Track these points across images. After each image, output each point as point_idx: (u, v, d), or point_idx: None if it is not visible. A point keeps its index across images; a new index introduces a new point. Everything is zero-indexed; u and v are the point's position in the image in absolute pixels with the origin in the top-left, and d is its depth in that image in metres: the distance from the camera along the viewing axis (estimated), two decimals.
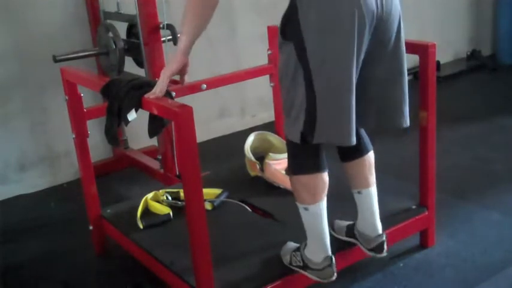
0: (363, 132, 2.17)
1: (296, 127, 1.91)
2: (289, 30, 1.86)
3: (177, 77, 2.16)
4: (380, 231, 2.22)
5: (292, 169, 2.07)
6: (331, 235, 2.20)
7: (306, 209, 2.06)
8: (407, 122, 2.05)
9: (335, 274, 2.10)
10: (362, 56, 1.86)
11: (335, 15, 1.78)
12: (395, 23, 1.93)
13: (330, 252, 2.10)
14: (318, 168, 2.02)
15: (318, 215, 2.06)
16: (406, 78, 2.02)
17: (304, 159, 2.02)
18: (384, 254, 2.22)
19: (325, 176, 2.04)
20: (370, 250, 2.22)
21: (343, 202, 2.28)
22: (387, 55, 1.96)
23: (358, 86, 1.88)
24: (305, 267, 2.12)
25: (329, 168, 2.06)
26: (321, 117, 1.87)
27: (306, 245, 2.13)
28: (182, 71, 2.11)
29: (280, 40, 1.91)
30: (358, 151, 2.14)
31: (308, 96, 1.86)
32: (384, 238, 2.21)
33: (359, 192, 2.20)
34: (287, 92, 1.94)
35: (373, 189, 2.21)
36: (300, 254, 2.13)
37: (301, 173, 2.03)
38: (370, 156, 2.19)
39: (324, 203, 2.06)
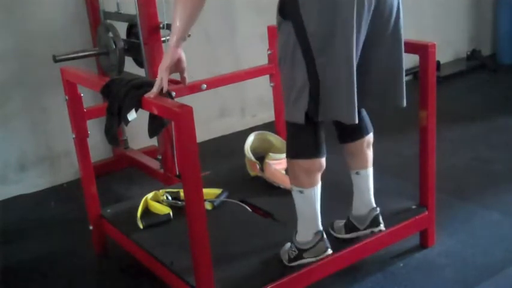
0: (364, 113, 2.18)
1: (300, 107, 1.91)
2: (287, 9, 1.86)
3: (176, 76, 2.16)
4: (373, 205, 2.24)
5: (292, 152, 2.07)
6: (331, 236, 2.21)
7: (301, 192, 2.07)
8: (404, 102, 2.07)
9: (329, 248, 2.11)
10: (362, 37, 1.88)
11: None
12: (395, 6, 1.94)
13: (320, 227, 2.11)
14: (317, 153, 2.03)
15: (312, 199, 2.07)
16: (403, 59, 2.03)
17: (304, 143, 2.02)
18: (382, 227, 2.23)
19: (323, 161, 2.05)
20: (368, 227, 2.23)
21: (342, 202, 2.28)
22: (388, 36, 1.97)
23: (360, 67, 1.90)
24: (300, 253, 2.12)
25: (326, 167, 2.06)
26: (324, 96, 1.89)
27: (296, 232, 2.14)
28: (179, 67, 2.09)
29: (279, 19, 1.91)
30: (359, 132, 2.16)
31: (310, 76, 1.87)
32: (378, 211, 2.23)
33: (357, 173, 2.22)
34: (287, 72, 1.94)
35: (371, 170, 2.23)
36: (293, 245, 2.14)
37: (300, 157, 2.03)
38: (370, 137, 2.21)
39: (318, 187, 2.07)
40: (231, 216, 2.55)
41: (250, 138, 2.90)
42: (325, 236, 2.12)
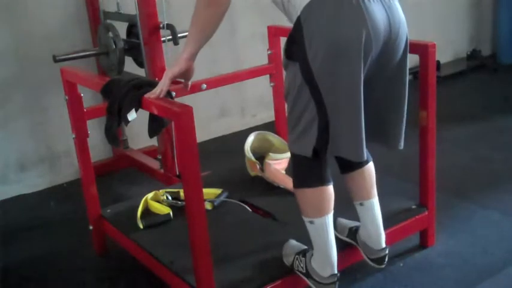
0: None
1: (307, 141, 1.91)
2: (294, 50, 1.85)
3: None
4: (383, 244, 2.21)
5: (297, 182, 2.06)
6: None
7: (311, 222, 2.05)
8: (401, 144, 2.05)
9: None
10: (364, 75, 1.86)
11: (342, 38, 1.77)
12: (402, 46, 1.93)
13: (336, 270, 2.09)
14: (322, 181, 2.02)
15: (323, 229, 2.04)
16: (406, 101, 2.02)
17: (309, 172, 2.02)
18: (383, 266, 2.22)
19: (330, 188, 2.04)
20: (371, 260, 2.22)
21: (346, 201, 2.28)
22: (388, 77, 1.96)
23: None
24: (308, 275, 2.11)
25: (331, 170, 2.06)
26: (333, 133, 1.88)
27: (312, 255, 2.11)
28: (186, 75, 2.11)
29: (285, 61, 1.91)
30: (358, 162, 2.12)
31: (320, 114, 1.87)
32: (387, 252, 2.20)
33: (361, 204, 2.19)
34: (292, 108, 1.94)
35: (375, 201, 2.19)
36: (304, 261, 2.12)
37: (306, 186, 2.03)
38: (370, 167, 2.18)
39: (330, 217, 2.05)
40: (231, 216, 2.55)
41: (250, 138, 2.89)
42: (338, 280, 2.09)
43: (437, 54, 2.32)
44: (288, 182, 2.20)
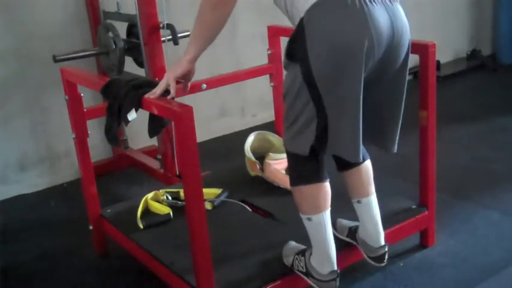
0: None
1: (305, 140, 1.91)
2: (295, 51, 1.85)
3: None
4: (382, 242, 2.20)
5: (294, 180, 2.06)
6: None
7: (309, 219, 2.05)
8: (395, 148, 2.07)
9: None
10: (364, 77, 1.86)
11: (344, 42, 1.77)
12: (404, 51, 1.93)
13: (336, 266, 2.09)
14: (319, 178, 2.02)
15: (321, 226, 2.05)
16: (403, 105, 2.02)
17: (305, 169, 2.02)
18: (384, 263, 2.22)
19: (327, 185, 2.04)
20: (371, 258, 2.22)
21: (345, 201, 2.28)
22: (388, 81, 1.96)
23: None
24: (308, 275, 2.11)
25: (329, 169, 2.06)
26: (332, 133, 1.89)
27: (311, 253, 2.12)
28: (187, 77, 2.12)
29: (286, 62, 1.91)
30: None
31: (319, 114, 1.87)
32: (386, 249, 2.20)
33: (359, 202, 2.19)
34: (290, 108, 1.94)
35: (373, 198, 2.19)
36: (304, 260, 2.12)
37: (302, 183, 2.03)
38: (367, 165, 2.18)
39: (327, 213, 2.05)
40: (231, 216, 2.55)
41: (250, 138, 2.90)
42: (338, 275, 2.09)
43: (437, 54, 2.32)
44: (288, 182, 2.20)
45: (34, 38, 3.33)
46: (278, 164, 2.76)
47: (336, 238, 2.21)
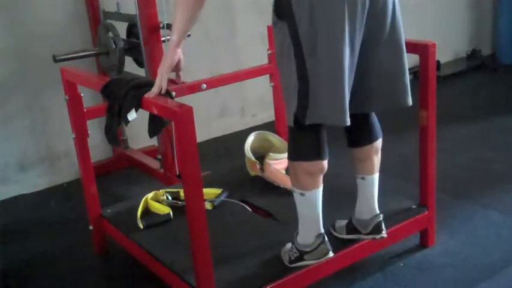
0: (374, 118, 2.18)
1: (290, 109, 1.91)
2: (281, 8, 1.86)
3: (173, 76, 2.16)
4: (377, 211, 2.23)
5: (293, 155, 2.05)
6: (332, 235, 2.21)
7: (302, 194, 2.05)
8: (410, 100, 2.05)
9: (330, 251, 2.10)
10: (359, 39, 1.86)
11: (325, 2, 1.78)
12: (390, 7, 1.93)
13: (321, 230, 2.10)
14: (318, 155, 2.01)
15: (313, 201, 2.06)
16: (406, 57, 2.02)
17: (304, 145, 2.01)
18: (383, 234, 2.23)
19: (325, 163, 2.03)
20: (369, 233, 2.23)
21: (345, 201, 2.28)
22: (386, 37, 1.96)
23: (360, 70, 1.90)
24: (301, 255, 2.11)
25: (328, 169, 2.06)
26: (313, 98, 1.87)
27: (297, 233, 2.13)
28: (177, 66, 2.10)
29: (274, 18, 1.91)
30: (368, 137, 2.16)
31: (300, 77, 1.86)
32: (381, 218, 2.22)
33: (363, 178, 2.21)
34: (284, 73, 1.93)
35: (376, 176, 2.22)
36: (294, 247, 2.14)
37: (301, 159, 2.02)
38: (379, 143, 2.20)
39: (320, 190, 2.06)
40: (231, 216, 2.55)
41: (250, 138, 2.90)
42: (326, 238, 2.11)
43: (437, 54, 2.32)
44: (288, 182, 2.20)
45: (34, 38, 3.33)
46: (278, 164, 2.76)
47: (336, 238, 2.22)
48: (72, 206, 3.17)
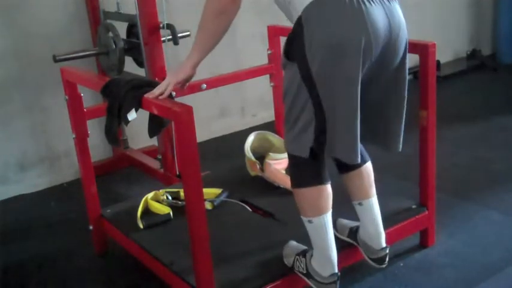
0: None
1: (305, 142, 1.91)
2: (293, 51, 1.85)
3: None
4: (384, 244, 2.20)
5: (295, 182, 2.06)
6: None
7: (310, 221, 2.05)
8: (400, 147, 2.05)
9: None
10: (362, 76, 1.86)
11: (341, 40, 1.77)
12: (401, 50, 1.93)
13: (336, 269, 2.08)
14: (320, 180, 2.02)
15: (322, 228, 2.04)
16: (405, 104, 2.01)
17: (306, 171, 2.01)
18: (384, 265, 2.22)
19: (328, 187, 2.03)
20: (372, 260, 2.22)
21: (346, 201, 2.28)
22: (388, 80, 1.95)
23: (362, 106, 1.89)
24: (308, 275, 2.11)
25: (330, 170, 2.06)
26: (330, 134, 1.88)
27: (312, 255, 2.11)
28: (187, 79, 2.12)
29: (284, 60, 1.91)
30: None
31: (317, 115, 1.87)
32: (387, 251, 2.20)
33: (360, 204, 2.19)
34: (290, 108, 1.93)
35: (374, 200, 2.19)
36: (305, 261, 2.12)
37: (303, 185, 2.02)
38: (368, 166, 2.18)
39: (328, 216, 2.05)
40: (231, 216, 2.55)
41: (250, 138, 2.90)
42: (339, 278, 2.09)
43: (437, 54, 2.32)
44: (288, 182, 2.19)
45: (34, 38, 3.33)
46: (278, 164, 2.76)
47: (336, 238, 2.21)
48: (72, 206, 3.17)
